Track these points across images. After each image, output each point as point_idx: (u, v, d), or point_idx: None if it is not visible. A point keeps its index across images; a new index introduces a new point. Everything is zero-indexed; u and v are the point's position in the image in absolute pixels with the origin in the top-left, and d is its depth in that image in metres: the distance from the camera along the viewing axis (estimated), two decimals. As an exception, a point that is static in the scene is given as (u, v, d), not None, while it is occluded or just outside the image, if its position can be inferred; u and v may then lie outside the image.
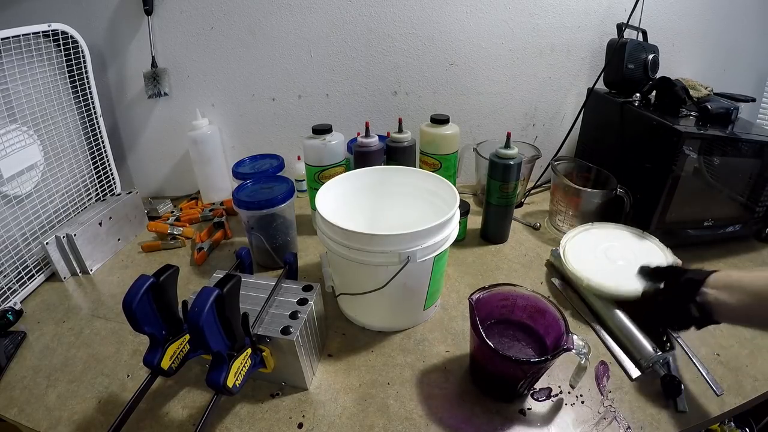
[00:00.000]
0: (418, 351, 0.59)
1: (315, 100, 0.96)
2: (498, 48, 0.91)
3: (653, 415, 0.49)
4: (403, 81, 0.94)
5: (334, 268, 0.63)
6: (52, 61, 0.77)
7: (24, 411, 0.53)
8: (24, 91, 0.71)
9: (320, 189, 0.61)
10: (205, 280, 0.74)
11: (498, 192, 0.77)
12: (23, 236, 0.73)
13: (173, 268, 0.48)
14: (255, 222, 0.72)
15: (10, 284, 0.71)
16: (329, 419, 0.50)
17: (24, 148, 0.71)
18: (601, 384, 0.53)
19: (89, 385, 0.56)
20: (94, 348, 0.62)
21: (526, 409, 0.50)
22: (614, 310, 0.61)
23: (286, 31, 0.89)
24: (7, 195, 0.69)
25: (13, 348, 0.62)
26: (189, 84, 0.94)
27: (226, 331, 0.43)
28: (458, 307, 0.66)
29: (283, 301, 0.53)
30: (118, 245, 0.86)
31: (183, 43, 0.89)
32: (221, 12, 0.87)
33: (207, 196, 1.00)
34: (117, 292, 0.74)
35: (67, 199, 0.81)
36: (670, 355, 0.55)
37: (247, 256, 0.62)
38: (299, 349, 0.49)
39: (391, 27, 0.88)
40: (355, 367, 0.57)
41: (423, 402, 0.52)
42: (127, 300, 0.43)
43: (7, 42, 0.66)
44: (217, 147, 0.96)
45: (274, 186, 0.74)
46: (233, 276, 0.44)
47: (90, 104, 0.84)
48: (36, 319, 0.68)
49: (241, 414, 0.51)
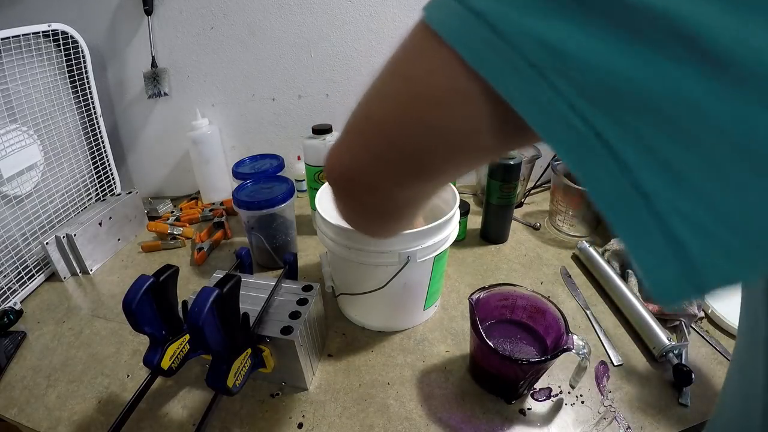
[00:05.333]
0: (418, 351, 0.59)
1: (315, 100, 0.96)
2: (498, 48, 0.91)
3: (653, 415, 0.49)
4: (403, 81, 0.94)
5: (333, 268, 0.63)
6: (52, 61, 0.77)
7: (24, 411, 0.53)
8: (24, 91, 0.71)
9: (320, 189, 0.61)
10: (205, 280, 0.74)
11: (498, 192, 0.77)
12: (23, 236, 0.73)
13: (173, 268, 0.48)
14: (255, 222, 0.72)
15: (10, 284, 0.71)
16: (329, 419, 0.50)
17: (24, 148, 0.71)
18: (601, 384, 0.53)
19: (89, 385, 0.56)
20: (94, 348, 0.62)
21: (526, 409, 0.50)
22: (631, 299, 0.61)
23: (286, 31, 0.88)
24: (7, 195, 0.69)
25: (13, 348, 0.62)
26: (189, 84, 0.94)
27: (226, 331, 0.43)
28: (458, 307, 0.66)
29: (283, 301, 0.53)
30: (118, 245, 0.86)
31: (183, 43, 0.89)
32: (221, 12, 0.87)
33: (207, 196, 1.00)
34: (117, 292, 0.74)
35: (67, 199, 0.81)
36: (683, 346, 0.55)
37: (247, 256, 0.62)
38: (299, 349, 0.49)
39: (391, 27, 0.88)
40: (355, 367, 0.57)
41: (423, 402, 0.52)
42: (127, 300, 0.43)
43: (7, 42, 0.66)
44: (217, 147, 0.96)
45: (274, 186, 0.74)
46: (233, 276, 0.44)
47: (90, 104, 0.84)
48: (36, 319, 0.68)
49: (241, 414, 0.51)
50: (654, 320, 0.58)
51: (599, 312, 0.64)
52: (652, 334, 0.56)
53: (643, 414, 0.49)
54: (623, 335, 0.60)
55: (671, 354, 0.54)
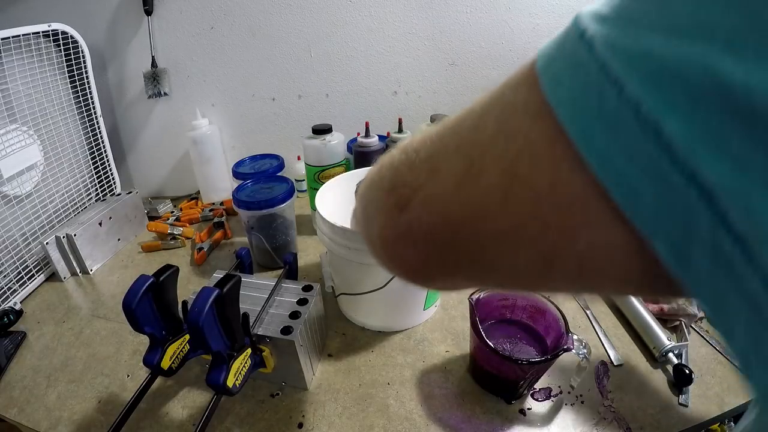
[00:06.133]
0: (418, 351, 0.59)
1: (315, 100, 0.96)
2: (498, 48, 0.91)
3: (653, 415, 0.49)
4: (403, 81, 0.94)
5: (334, 268, 0.63)
6: (52, 61, 0.77)
7: (24, 411, 0.53)
8: (24, 91, 0.71)
9: (320, 189, 0.61)
10: (205, 280, 0.74)
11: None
12: (23, 236, 0.73)
13: (173, 268, 0.48)
14: (255, 222, 0.72)
15: (10, 284, 0.71)
16: (329, 419, 0.50)
17: (24, 148, 0.71)
18: (601, 384, 0.53)
19: (89, 385, 0.56)
20: (94, 348, 0.62)
21: (526, 409, 0.50)
22: (631, 299, 0.61)
23: (286, 31, 0.89)
24: (7, 195, 0.69)
25: (13, 348, 0.62)
26: (189, 84, 0.94)
27: (226, 331, 0.43)
28: (458, 307, 0.66)
29: (283, 301, 0.53)
30: (118, 245, 0.86)
31: (183, 43, 0.89)
32: (221, 12, 0.87)
33: (207, 196, 1.00)
34: (117, 292, 0.74)
35: (67, 199, 0.81)
36: (683, 346, 0.55)
37: (247, 256, 0.62)
38: (299, 349, 0.49)
39: (391, 27, 0.88)
40: (355, 367, 0.57)
41: (423, 402, 0.52)
42: (127, 300, 0.43)
43: (7, 42, 0.66)
44: (217, 147, 0.96)
45: (274, 186, 0.74)
46: (233, 276, 0.44)
47: (90, 104, 0.84)
48: (36, 319, 0.68)
49: (241, 414, 0.51)
50: (654, 320, 0.58)
51: (599, 312, 0.64)
52: (652, 334, 0.56)
53: (643, 414, 0.49)
54: (623, 335, 0.60)
55: (671, 354, 0.54)
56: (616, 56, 0.12)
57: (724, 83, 0.10)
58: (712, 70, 0.10)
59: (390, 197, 0.19)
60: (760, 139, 0.09)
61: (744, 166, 0.10)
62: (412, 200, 0.18)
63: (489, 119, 0.15)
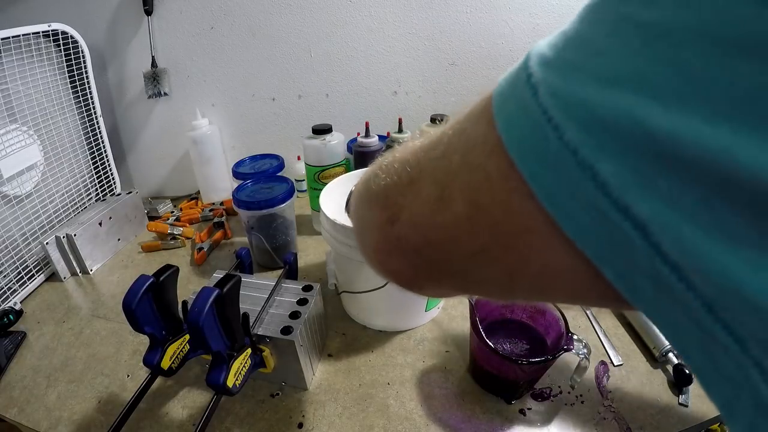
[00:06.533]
0: (418, 351, 0.59)
1: (315, 100, 0.96)
2: (498, 48, 0.91)
3: (653, 415, 0.49)
4: (403, 81, 0.94)
5: (338, 266, 0.63)
6: (52, 61, 0.77)
7: (24, 411, 0.53)
8: (24, 91, 0.71)
9: (324, 188, 0.62)
10: (205, 280, 0.74)
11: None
12: (23, 236, 0.73)
13: (173, 268, 0.48)
14: (255, 222, 0.72)
15: (10, 284, 0.71)
16: (329, 419, 0.50)
17: (24, 148, 0.71)
18: (601, 384, 0.53)
19: (89, 385, 0.56)
20: (94, 348, 0.62)
21: (526, 409, 0.50)
22: None
23: (286, 31, 0.89)
24: (7, 195, 0.69)
25: (13, 348, 0.62)
26: (189, 84, 0.94)
27: (226, 331, 0.43)
28: (458, 307, 0.66)
29: (283, 301, 0.53)
30: (118, 245, 0.86)
31: (183, 43, 0.89)
32: (221, 12, 0.87)
33: (207, 196, 1.00)
34: (117, 292, 0.74)
35: (67, 199, 0.81)
36: None
37: (247, 256, 0.62)
38: (299, 349, 0.49)
39: (391, 27, 0.88)
40: (355, 367, 0.57)
41: (423, 402, 0.52)
42: (127, 300, 0.43)
43: (7, 42, 0.66)
44: (217, 147, 0.96)
45: (274, 186, 0.74)
46: (233, 276, 0.44)
47: (90, 104, 0.84)
48: (36, 319, 0.68)
49: (241, 414, 0.51)
50: None
51: (599, 312, 0.64)
52: (652, 334, 0.56)
53: (643, 414, 0.49)
54: (623, 335, 0.60)
55: (671, 354, 0.54)
56: (557, 104, 0.13)
57: (651, 132, 0.11)
58: (641, 120, 0.11)
59: (383, 214, 0.20)
60: (686, 179, 0.10)
61: (672, 203, 0.11)
62: (401, 217, 0.19)
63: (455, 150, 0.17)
